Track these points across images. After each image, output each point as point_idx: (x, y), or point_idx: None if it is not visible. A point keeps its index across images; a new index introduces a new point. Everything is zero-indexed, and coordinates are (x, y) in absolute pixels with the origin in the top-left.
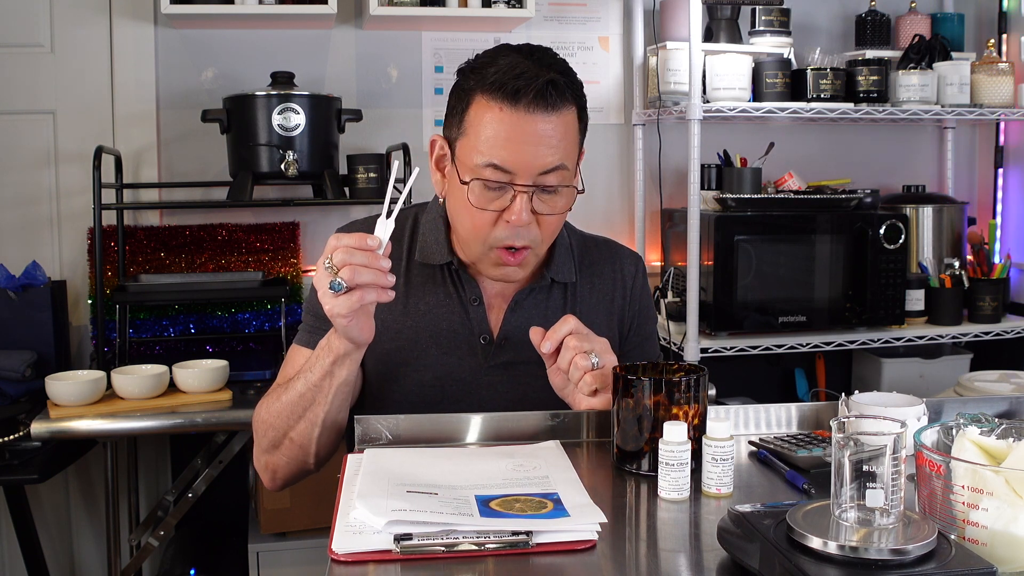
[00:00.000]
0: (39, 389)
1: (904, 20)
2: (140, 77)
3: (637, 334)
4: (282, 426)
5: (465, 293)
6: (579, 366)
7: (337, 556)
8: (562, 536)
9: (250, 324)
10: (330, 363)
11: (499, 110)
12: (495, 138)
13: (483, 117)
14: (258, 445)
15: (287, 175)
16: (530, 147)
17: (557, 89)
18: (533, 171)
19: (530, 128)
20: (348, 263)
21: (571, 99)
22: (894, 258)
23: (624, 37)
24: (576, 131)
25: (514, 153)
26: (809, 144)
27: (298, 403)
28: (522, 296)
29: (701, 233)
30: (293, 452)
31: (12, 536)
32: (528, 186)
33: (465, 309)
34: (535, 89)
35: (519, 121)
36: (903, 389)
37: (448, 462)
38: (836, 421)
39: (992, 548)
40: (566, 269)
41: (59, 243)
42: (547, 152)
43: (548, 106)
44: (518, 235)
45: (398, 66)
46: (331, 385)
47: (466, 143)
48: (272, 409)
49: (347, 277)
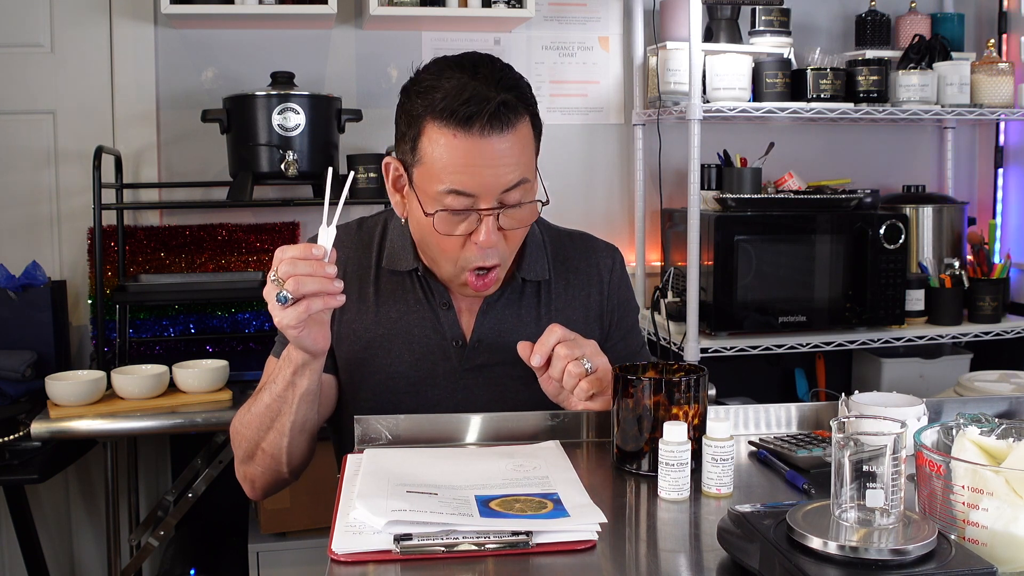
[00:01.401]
0: (39, 389)
1: (904, 20)
2: (140, 77)
3: (619, 328)
4: (253, 437)
5: (434, 298)
6: (573, 373)
7: (337, 556)
8: (562, 536)
9: (250, 324)
10: (290, 374)
11: (452, 136)
12: (452, 164)
13: (437, 144)
14: (236, 457)
15: (287, 175)
16: (489, 169)
17: (509, 108)
18: (495, 191)
19: (487, 150)
20: (292, 274)
21: (524, 111)
22: (894, 258)
23: (624, 37)
24: (531, 140)
25: (474, 177)
26: (809, 144)
27: (265, 414)
28: (493, 299)
29: (701, 233)
30: (266, 462)
31: (12, 536)
32: (492, 208)
33: (436, 314)
34: (488, 113)
35: (475, 146)
36: (903, 389)
37: (448, 462)
38: (836, 421)
39: (992, 548)
40: (539, 267)
41: (59, 243)
42: (506, 171)
43: (503, 126)
44: (487, 256)
45: (398, 66)
46: (294, 395)
47: (423, 171)
48: (243, 421)
49: (292, 288)
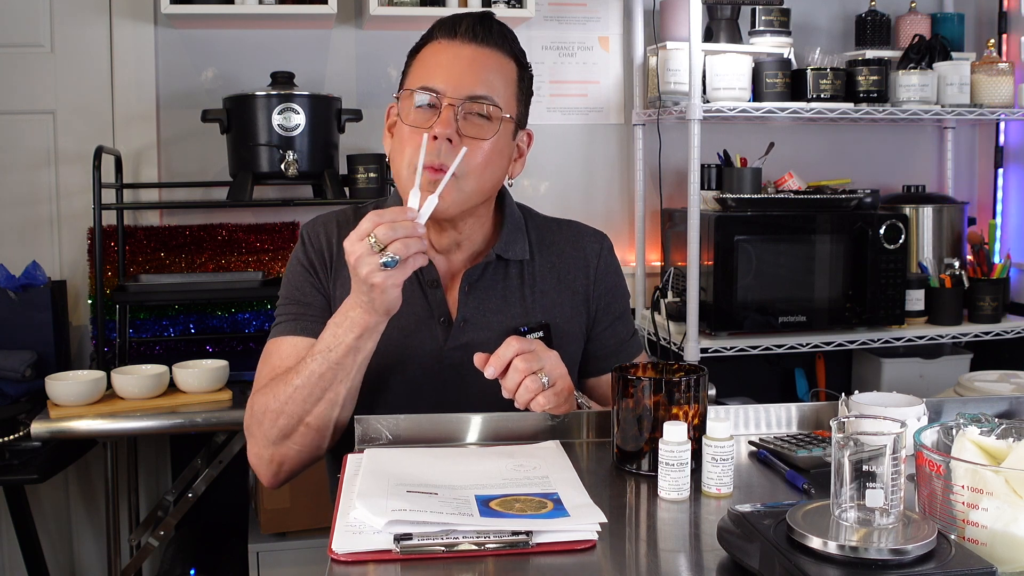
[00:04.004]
0: (39, 389)
1: (904, 20)
2: (140, 77)
3: (607, 314)
4: (296, 412)
5: (423, 276)
6: (530, 388)
7: (337, 556)
8: (562, 536)
9: (250, 324)
10: (354, 338)
11: (437, 42)
12: (429, 66)
13: (423, 57)
14: (262, 438)
15: (287, 175)
16: (457, 70)
17: (492, 28)
18: (460, 91)
19: (462, 53)
20: (395, 238)
21: (506, 48)
22: (894, 258)
23: (624, 37)
24: (512, 79)
25: (444, 73)
26: (809, 144)
27: (317, 385)
28: (474, 276)
29: (701, 233)
30: (309, 437)
31: (12, 536)
32: (456, 99)
33: (424, 293)
34: (469, 20)
35: (451, 47)
36: (903, 389)
37: (448, 462)
38: (836, 421)
39: (992, 548)
40: (517, 248)
41: (59, 243)
42: (474, 80)
43: (480, 39)
44: (440, 151)
45: (398, 66)
46: (355, 361)
47: (406, 84)
48: (281, 397)
49: (400, 251)
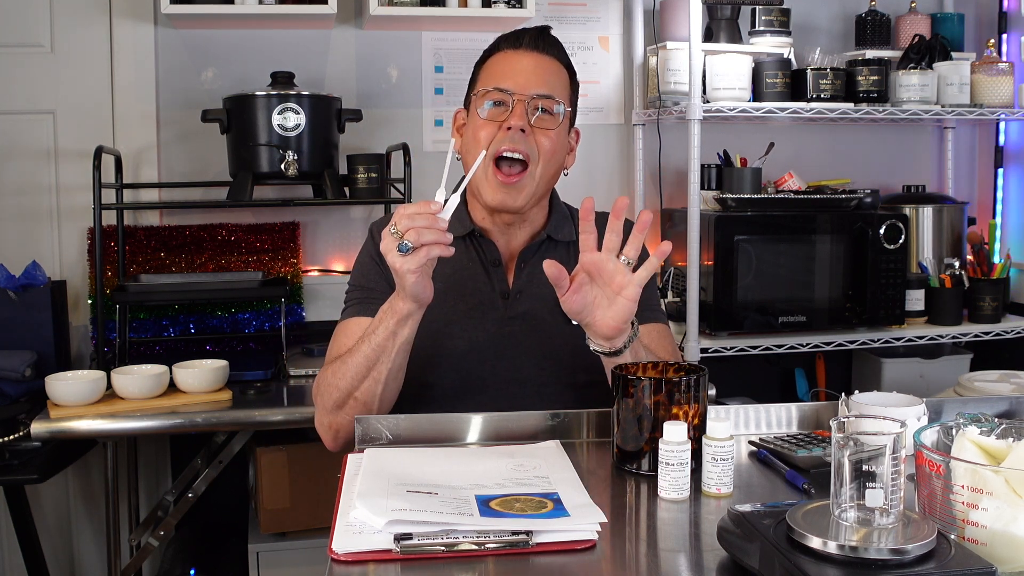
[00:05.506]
0: (39, 389)
1: (904, 20)
2: (140, 77)
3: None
4: (347, 387)
5: (485, 256)
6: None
7: (337, 556)
8: (562, 536)
9: (250, 324)
10: (394, 324)
11: (503, 52)
12: (499, 71)
13: (490, 65)
14: (322, 408)
15: (287, 175)
16: (523, 73)
17: (550, 41)
18: (527, 89)
19: (527, 60)
20: (411, 227)
21: (561, 57)
22: (894, 258)
23: (624, 37)
24: (567, 87)
25: (513, 76)
26: (809, 144)
27: (364, 364)
28: (529, 253)
29: (701, 233)
30: (357, 410)
31: (12, 536)
32: (524, 96)
33: (486, 271)
34: (531, 33)
35: (518, 56)
36: (903, 389)
37: (448, 462)
38: (836, 421)
39: (992, 548)
40: (565, 230)
41: (59, 243)
42: (539, 81)
43: (542, 49)
44: (515, 139)
45: (398, 66)
46: (394, 345)
47: (478, 86)
48: (338, 372)
49: (413, 238)
